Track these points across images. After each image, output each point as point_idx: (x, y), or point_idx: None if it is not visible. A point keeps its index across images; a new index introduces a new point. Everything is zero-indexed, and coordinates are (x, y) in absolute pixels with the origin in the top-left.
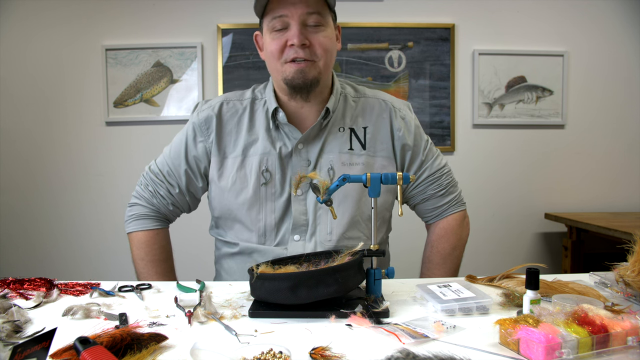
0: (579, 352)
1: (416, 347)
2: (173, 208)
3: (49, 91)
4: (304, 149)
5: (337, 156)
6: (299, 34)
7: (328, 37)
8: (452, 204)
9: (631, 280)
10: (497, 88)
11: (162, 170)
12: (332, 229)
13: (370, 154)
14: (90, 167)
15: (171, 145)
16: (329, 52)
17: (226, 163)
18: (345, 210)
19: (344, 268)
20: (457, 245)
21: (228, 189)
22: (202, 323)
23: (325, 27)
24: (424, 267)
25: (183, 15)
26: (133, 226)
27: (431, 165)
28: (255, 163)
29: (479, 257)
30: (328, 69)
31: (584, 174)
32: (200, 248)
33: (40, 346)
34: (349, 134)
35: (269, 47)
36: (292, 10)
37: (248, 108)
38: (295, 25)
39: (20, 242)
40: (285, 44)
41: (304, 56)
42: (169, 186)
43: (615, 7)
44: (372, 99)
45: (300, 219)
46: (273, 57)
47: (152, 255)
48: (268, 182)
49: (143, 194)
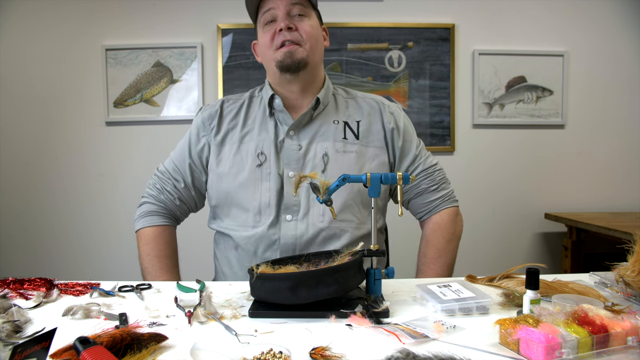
0: (579, 352)
1: (416, 347)
2: (180, 203)
3: (49, 91)
4: (295, 135)
5: (331, 144)
6: (284, 18)
7: (312, 26)
8: (444, 199)
9: (631, 280)
10: (497, 88)
11: (169, 168)
12: (324, 210)
13: (363, 144)
14: (90, 167)
15: (176, 148)
16: (313, 37)
17: (223, 150)
18: (338, 193)
19: (344, 268)
20: (451, 239)
21: (226, 173)
22: (202, 323)
23: (309, 18)
24: (419, 262)
25: (183, 15)
26: (141, 223)
27: (424, 161)
28: (251, 147)
29: (479, 257)
30: (314, 54)
31: (584, 174)
32: (200, 247)
33: (40, 346)
34: (343, 126)
35: (261, 39)
36: (278, 3)
37: (246, 102)
38: (281, 14)
39: (20, 242)
40: (275, 32)
41: (290, 38)
42: (175, 182)
43: (615, 7)
44: (362, 99)
45: (292, 200)
46: (266, 47)
47: (157, 251)
48: (263, 164)
49: (151, 192)
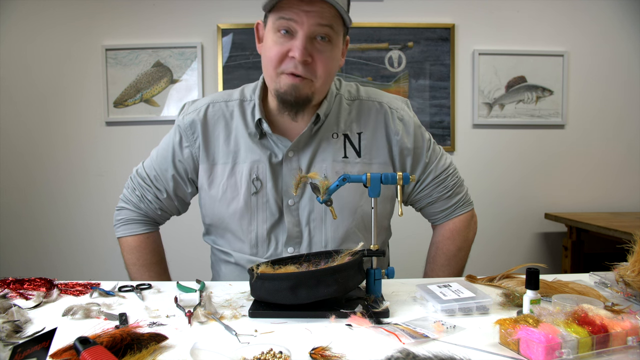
0: (579, 352)
1: (416, 347)
2: (161, 212)
3: (49, 91)
4: (295, 156)
5: (330, 165)
6: (302, 48)
7: (333, 57)
8: (459, 205)
9: (631, 280)
10: (497, 88)
11: (150, 174)
12: (327, 241)
13: (366, 161)
14: (90, 167)
15: (158, 148)
16: (329, 74)
17: (216, 170)
18: (340, 222)
19: (344, 268)
20: (462, 247)
21: (219, 199)
22: (202, 323)
23: (333, 46)
24: (427, 267)
25: (183, 15)
26: (122, 231)
27: (435, 167)
28: (245, 171)
29: (479, 257)
30: (324, 90)
31: (584, 174)
32: (197, 250)
33: (40, 346)
34: (342, 140)
35: (268, 50)
36: (304, 18)
37: (235, 111)
38: (301, 37)
39: (20, 242)
40: (287, 53)
41: (302, 73)
42: (156, 191)
43: (615, 7)
44: (367, 102)
45: (294, 231)
46: (270, 62)
47: (143, 260)
48: (259, 191)
49: (130, 198)
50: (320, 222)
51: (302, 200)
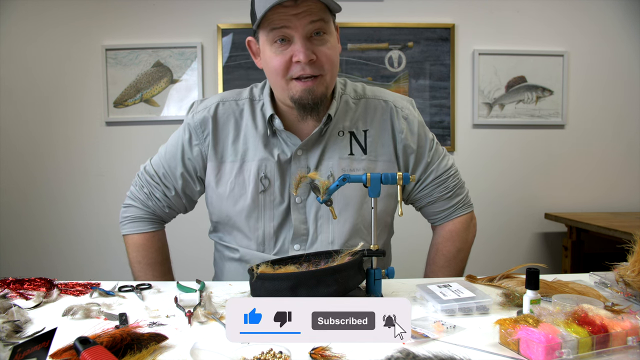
0: (579, 352)
1: (416, 347)
2: (169, 210)
3: (49, 91)
4: (304, 155)
5: (337, 162)
6: (305, 49)
7: (333, 47)
8: (459, 207)
9: (631, 280)
10: (497, 88)
11: (158, 171)
12: (333, 238)
13: (372, 159)
14: (90, 167)
15: (167, 145)
16: (334, 64)
17: (224, 168)
18: (346, 219)
19: (344, 268)
20: (462, 248)
21: (226, 196)
22: (202, 323)
23: (329, 36)
24: (427, 269)
25: (183, 15)
26: (128, 228)
27: (437, 168)
28: (253, 169)
29: (479, 257)
30: (333, 82)
31: (584, 174)
32: (199, 249)
33: (40, 346)
34: (349, 138)
35: (270, 62)
36: (295, 23)
37: (245, 110)
38: (300, 40)
39: (20, 242)
40: (290, 59)
41: (311, 73)
42: (164, 189)
43: (615, 7)
44: (372, 100)
45: (300, 228)
46: (276, 73)
47: (148, 259)
48: (267, 189)
49: (138, 195)
50: (327, 219)
51: (309, 198)
